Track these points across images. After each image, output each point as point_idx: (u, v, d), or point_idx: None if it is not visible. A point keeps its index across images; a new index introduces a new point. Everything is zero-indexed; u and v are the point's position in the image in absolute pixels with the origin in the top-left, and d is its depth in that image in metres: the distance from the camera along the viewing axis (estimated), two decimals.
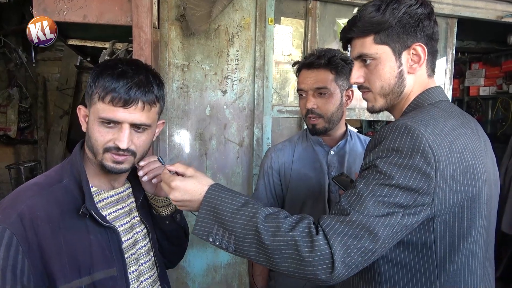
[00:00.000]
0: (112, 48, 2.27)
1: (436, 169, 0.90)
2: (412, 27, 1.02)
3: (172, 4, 2.09)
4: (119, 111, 0.97)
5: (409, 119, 0.96)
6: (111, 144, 0.99)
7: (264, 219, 0.94)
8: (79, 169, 1.02)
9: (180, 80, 2.13)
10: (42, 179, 1.02)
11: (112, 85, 0.96)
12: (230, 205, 0.97)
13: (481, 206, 0.98)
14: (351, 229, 0.90)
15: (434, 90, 1.07)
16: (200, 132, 2.18)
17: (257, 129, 2.23)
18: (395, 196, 0.91)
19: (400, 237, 0.93)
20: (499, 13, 2.75)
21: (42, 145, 5.39)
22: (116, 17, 1.93)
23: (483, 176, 0.97)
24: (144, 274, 1.15)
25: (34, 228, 0.91)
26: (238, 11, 2.19)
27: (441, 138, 0.92)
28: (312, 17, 2.32)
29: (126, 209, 1.15)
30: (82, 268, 0.97)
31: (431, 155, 0.90)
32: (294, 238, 0.91)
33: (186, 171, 1.06)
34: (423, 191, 0.90)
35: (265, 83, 2.23)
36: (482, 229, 1.00)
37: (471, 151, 0.96)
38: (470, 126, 1.03)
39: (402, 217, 0.91)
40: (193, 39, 2.13)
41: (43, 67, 5.51)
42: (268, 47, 2.24)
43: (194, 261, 2.19)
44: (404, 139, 0.92)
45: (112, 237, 1.04)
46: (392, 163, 0.92)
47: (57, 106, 5.37)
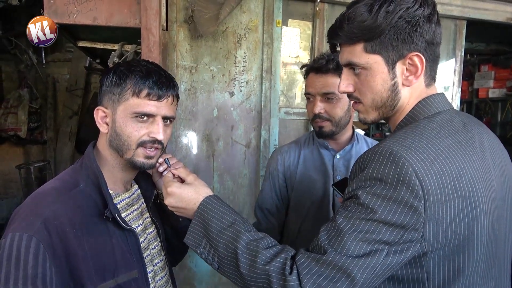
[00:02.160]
0: (121, 50, 2.29)
1: (425, 201, 0.79)
2: (408, 33, 0.88)
3: (180, 6, 2.11)
4: (154, 104, 1.03)
5: (397, 142, 0.85)
6: (146, 137, 1.04)
7: (246, 245, 0.91)
8: (96, 173, 1.02)
9: (188, 81, 2.14)
10: (58, 183, 1.02)
11: (146, 81, 1.01)
12: (219, 222, 0.96)
13: (481, 236, 0.86)
14: (327, 270, 0.82)
15: (432, 100, 0.95)
16: (208, 134, 2.19)
17: (264, 130, 2.24)
18: (379, 232, 0.81)
19: (383, 277, 0.84)
20: (508, 15, 2.73)
21: (52, 145, 5.43)
22: (125, 19, 1.95)
23: (485, 201, 0.86)
24: (158, 274, 1.17)
25: (59, 234, 0.91)
26: (245, 13, 2.20)
27: (432, 165, 0.81)
28: (319, 19, 2.32)
29: (139, 210, 1.16)
30: (107, 272, 0.98)
31: (419, 186, 0.79)
32: (268, 273, 0.86)
33: (187, 178, 1.06)
34: (411, 227, 0.80)
35: (272, 85, 2.24)
36: (482, 259, 0.88)
37: (469, 175, 0.84)
38: (471, 142, 0.90)
39: (386, 256, 0.81)
40: (201, 41, 2.14)
41: (53, 68, 5.56)
42: (276, 49, 2.25)
43: (201, 262, 2.20)
44: (389, 167, 0.82)
45: (131, 239, 1.06)
46: (375, 195, 0.82)
47: (67, 107, 5.42)
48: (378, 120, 1.00)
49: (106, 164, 1.08)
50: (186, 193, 1.02)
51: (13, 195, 5.33)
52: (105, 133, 1.06)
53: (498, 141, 1.01)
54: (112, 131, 1.04)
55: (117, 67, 1.05)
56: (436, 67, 0.98)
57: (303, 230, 1.55)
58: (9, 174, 5.31)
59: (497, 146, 0.99)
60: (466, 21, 2.64)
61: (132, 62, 1.07)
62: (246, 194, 2.25)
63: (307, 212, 1.54)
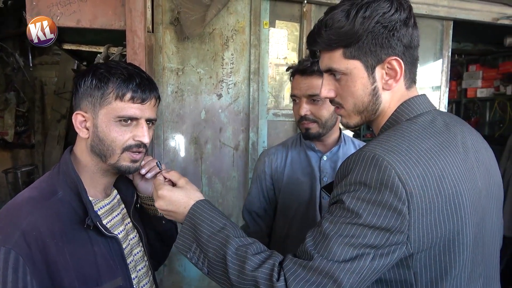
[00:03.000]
0: (107, 52, 2.26)
1: (409, 204, 0.80)
2: (386, 38, 0.89)
3: (166, 8, 2.09)
4: (137, 107, 1.01)
5: (379, 146, 0.86)
6: (131, 141, 1.02)
7: (235, 251, 0.91)
8: (75, 180, 0.99)
9: (175, 84, 2.12)
10: (35, 192, 0.98)
11: (129, 84, 0.99)
12: (209, 227, 0.95)
13: (467, 235, 0.87)
14: (313, 276, 0.83)
15: (414, 102, 0.95)
16: (195, 136, 2.17)
17: (252, 132, 2.22)
18: (364, 236, 0.81)
19: (370, 281, 0.85)
20: (494, 15, 2.75)
21: (40, 149, 5.37)
22: (110, 22, 1.92)
23: (469, 201, 0.86)
24: (142, 279, 1.15)
25: (38, 246, 0.88)
26: (232, 14, 2.19)
27: (415, 167, 0.82)
28: (306, 20, 2.32)
29: (120, 216, 1.14)
30: (90, 281, 0.95)
31: (402, 189, 0.80)
32: (256, 280, 0.86)
33: (178, 181, 1.05)
34: (396, 230, 0.81)
35: (260, 86, 2.23)
36: (469, 258, 0.89)
37: (452, 175, 0.85)
38: (453, 142, 0.90)
39: (373, 259, 0.82)
40: (187, 43, 2.12)
41: (41, 71, 5.49)
42: (263, 50, 2.24)
43: (190, 266, 2.18)
44: (372, 171, 0.83)
45: (114, 246, 1.03)
46: (360, 199, 0.83)
47: (55, 110, 5.36)
48: (360, 124, 1.02)
49: (85, 170, 1.05)
50: (177, 197, 1.01)
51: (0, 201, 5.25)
52: (85, 138, 1.03)
53: (482, 140, 1.02)
54: (94, 136, 1.01)
55: (95, 69, 1.01)
56: (415, 69, 0.98)
57: (291, 233, 1.54)
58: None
59: (481, 145, 0.99)
60: (452, 21, 2.65)
61: (110, 63, 1.03)
62: (235, 197, 2.24)
63: (295, 214, 1.53)
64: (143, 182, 1.19)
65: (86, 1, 1.87)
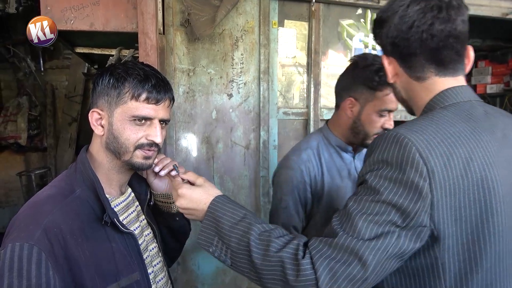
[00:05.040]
0: (118, 55, 2.30)
1: (431, 181, 0.79)
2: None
3: (177, 10, 2.12)
4: (152, 108, 1.04)
5: (404, 127, 0.87)
6: (143, 140, 1.05)
7: (258, 236, 0.92)
8: (92, 178, 1.02)
9: (186, 84, 2.15)
10: (54, 191, 1.01)
11: (145, 85, 1.02)
12: (230, 218, 0.97)
13: (499, 225, 0.83)
14: (339, 254, 0.83)
15: (450, 92, 0.92)
16: (207, 136, 2.19)
17: (263, 131, 2.24)
18: (388, 213, 0.81)
19: (397, 262, 0.84)
20: (504, 10, 2.74)
21: (52, 152, 5.44)
22: (122, 24, 1.96)
23: (503, 189, 0.83)
24: (158, 274, 1.18)
25: (59, 242, 0.91)
26: (242, 15, 2.21)
27: (438, 147, 0.81)
28: (315, 19, 2.34)
29: (135, 213, 1.17)
30: (108, 276, 0.98)
31: (423, 165, 0.80)
32: (281, 260, 0.87)
33: (197, 180, 1.09)
34: (419, 208, 0.80)
35: (270, 85, 2.25)
36: (504, 252, 0.85)
37: (483, 160, 0.82)
38: (489, 129, 0.88)
39: (398, 238, 0.81)
40: (198, 44, 2.15)
41: (51, 75, 5.57)
42: (273, 50, 2.26)
43: (204, 264, 2.20)
44: (393, 149, 0.84)
45: (131, 243, 1.07)
46: (382, 177, 0.84)
47: (66, 114, 5.43)
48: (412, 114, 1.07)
49: (101, 167, 1.08)
50: (197, 194, 1.04)
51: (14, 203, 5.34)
52: (100, 135, 1.06)
53: None
54: (109, 134, 1.05)
55: (113, 69, 1.05)
56: (441, 56, 0.95)
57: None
58: (9, 182, 5.32)
59: None
60: None
61: (128, 64, 1.07)
62: (247, 196, 2.26)
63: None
64: (157, 180, 1.23)
65: (99, 5, 1.91)
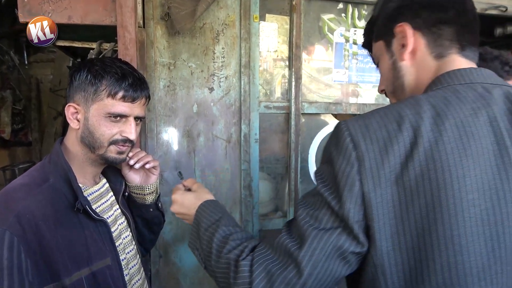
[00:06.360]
0: (99, 48, 2.28)
1: (360, 168, 0.69)
2: (394, 9, 0.90)
3: (157, 3, 2.11)
4: (128, 106, 1.09)
5: (360, 116, 0.78)
6: (118, 136, 1.10)
7: (220, 238, 0.91)
8: (65, 168, 1.06)
9: (167, 78, 2.15)
10: (27, 179, 1.05)
11: (122, 83, 1.07)
12: (207, 221, 0.99)
13: (462, 233, 0.65)
14: (276, 255, 0.76)
15: (447, 76, 0.79)
16: (188, 130, 2.20)
17: (244, 125, 2.26)
18: (321, 209, 0.74)
19: (341, 263, 0.74)
20: (483, 6, 2.78)
21: (37, 146, 5.39)
22: (101, 18, 1.95)
23: (460, 185, 0.65)
24: (131, 261, 1.23)
25: (32, 228, 0.94)
26: (222, 9, 2.21)
27: (377, 131, 0.70)
28: (296, 14, 2.35)
29: (108, 202, 1.22)
30: (81, 261, 1.03)
31: (352, 150, 0.71)
32: (228, 261, 0.84)
33: (192, 186, 1.14)
34: (346, 199, 0.71)
35: (251, 79, 2.26)
36: (466, 264, 0.65)
37: (448, 145, 0.66)
38: (474, 112, 0.70)
39: (334, 235, 0.72)
40: (178, 37, 2.15)
41: (36, 69, 5.51)
42: (254, 44, 2.27)
43: (186, 257, 2.22)
44: (331, 139, 0.78)
45: (103, 229, 1.12)
46: (319, 169, 0.79)
47: (51, 108, 5.38)
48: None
49: (75, 159, 1.12)
50: (188, 199, 1.09)
51: None
52: (75, 129, 1.09)
53: None
54: (85, 128, 1.08)
55: (90, 65, 1.08)
56: (448, 35, 0.87)
57: None
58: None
59: None
60: None
61: (105, 60, 1.10)
62: (228, 189, 2.28)
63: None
64: (131, 172, 1.29)
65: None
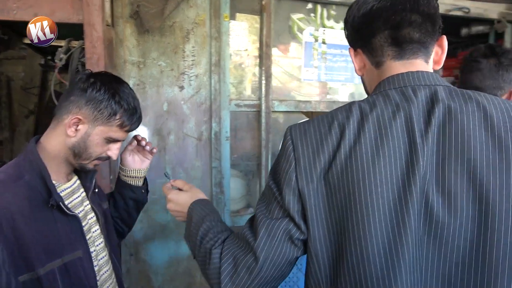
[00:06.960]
0: (67, 46, 2.26)
1: (297, 166, 0.79)
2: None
3: (126, 1, 2.11)
4: (125, 133, 1.26)
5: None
6: (103, 154, 1.25)
7: (203, 231, 0.98)
8: (40, 166, 1.13)
9: (137, 77, 2.16)
10: (3, 176, 1.11)
11: (132, 120, 1.24)
12: (196, 216, 1.06)
13: (368, 214, 0.72)
14: (240, 243, 0.86)
15: (393, 79, 0.85)
16: (158, 128, 2.21)
17: (215, 123, 2.28)
18: (272, 202, 0.84)
19: (291, 246, 0.82)
20: (447, 7, 2.89)
21: (8, 145, 5.26)
22: (68, 16, 1.94)
23: (378, 178, 0.72)
24: (100, 253, 1.31)
25: (8, 221, 1.00)
26: (192, 8, 2.23)
27: (313, 134, 0.80)
28: (266, 13, 2.38)
29: (80, 198, 1.29)
30: (54, 253, 1.10)
31: (291, 152, 0.81)
32: (205, 250, 0.92)
33: (184, 187, 1.22)
34: (285, 193, 0.81)
35: (221, 78, 2.28)
36: (371, 254, 0.72)
37: (364, 146, 0.74)
38: (393, 114, 0.76)
39: (282, 223, 0.81)
40: (148, 36, 2.16)
41: (7, 66, 5.37)
42: (224, 42, 2.29)
43: (156, 254, 2.24)
44: (282, 141, 0.87)
45: (75, 224, 1.19)
46: (272, 166, 0.89)
47: (22, 106, 5.26)
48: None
49: (53, 159, 1.19)
50: (182, 198, 1.17)
51: None
52: (69, 135, 1.17)
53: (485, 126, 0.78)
54: (81, 141, 1.18)
55: (113, 92, 1.18)
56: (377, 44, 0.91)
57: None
58: None
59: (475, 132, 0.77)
60: None
61: (121, 90, 1.21)
62: (199, 186, 2.28)
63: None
64: (130, 157, 1.48)
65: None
